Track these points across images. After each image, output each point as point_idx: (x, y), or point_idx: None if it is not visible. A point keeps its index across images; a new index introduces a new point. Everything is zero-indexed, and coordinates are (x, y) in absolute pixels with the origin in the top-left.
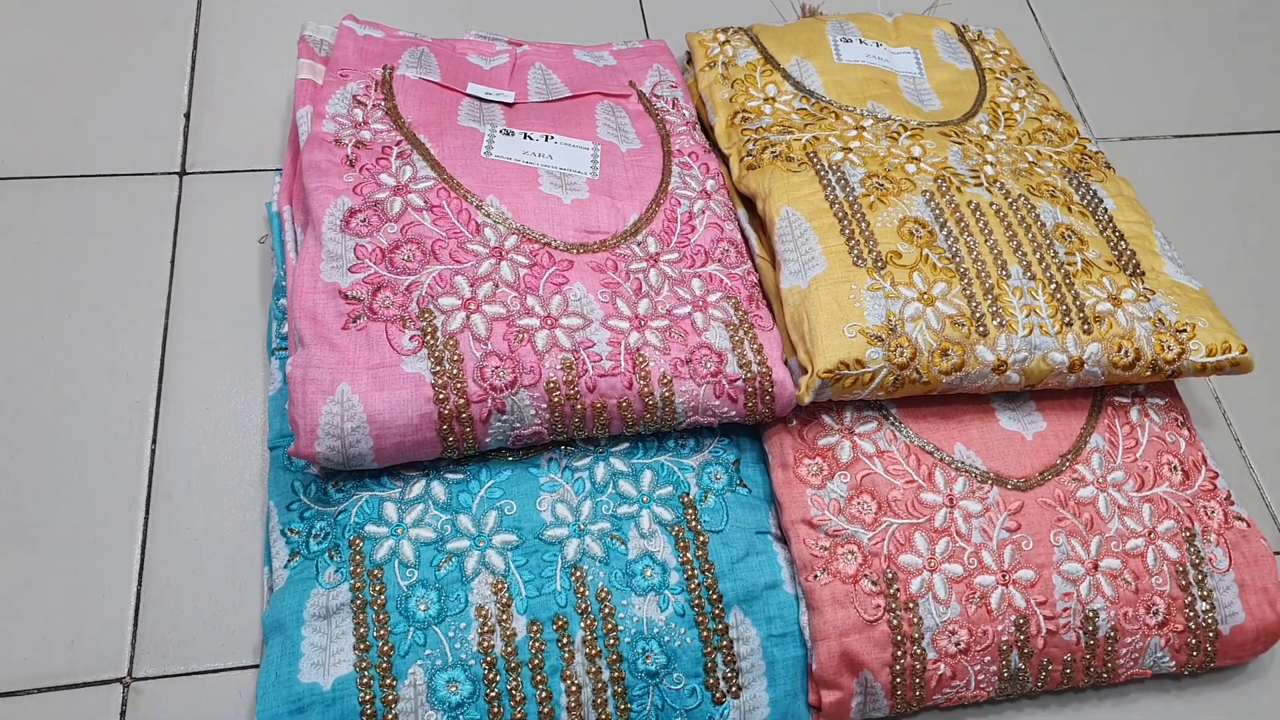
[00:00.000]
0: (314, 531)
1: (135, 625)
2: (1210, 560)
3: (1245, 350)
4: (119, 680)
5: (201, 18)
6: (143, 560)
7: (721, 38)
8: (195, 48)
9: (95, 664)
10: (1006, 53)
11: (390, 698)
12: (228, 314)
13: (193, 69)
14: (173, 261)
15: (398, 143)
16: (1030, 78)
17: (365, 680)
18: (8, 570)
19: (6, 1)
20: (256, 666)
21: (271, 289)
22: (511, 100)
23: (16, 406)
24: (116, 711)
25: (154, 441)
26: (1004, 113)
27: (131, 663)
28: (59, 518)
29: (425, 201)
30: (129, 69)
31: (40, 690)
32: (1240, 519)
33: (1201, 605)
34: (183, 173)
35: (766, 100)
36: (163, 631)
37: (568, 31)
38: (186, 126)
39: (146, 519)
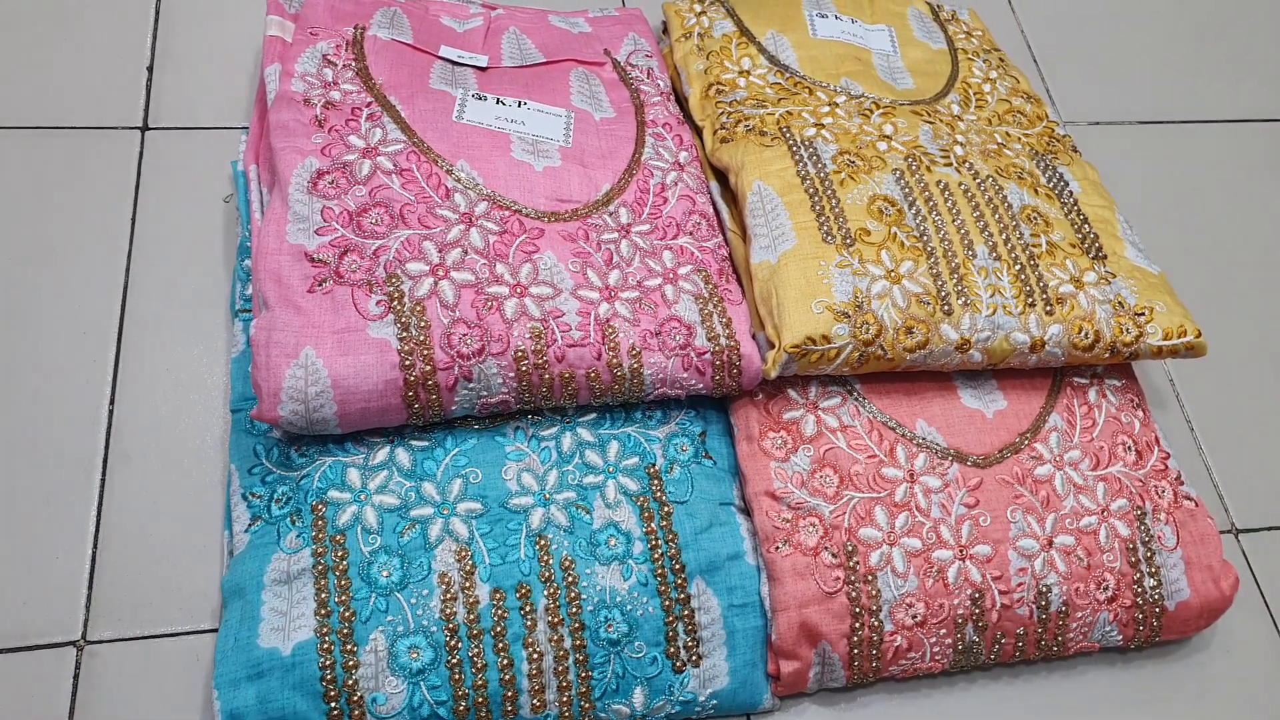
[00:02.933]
0: (276, 496)
1: (90, 587)
2: (1159, 538)
3: (1200, 335)
4: (72, 643)
5: None
6: (99, 522)
7: (698, 8)
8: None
9: (48, 626)
10: (979, 34)
11: (351, 663)
12: (190, 274)
13: (156, 20)
14: (133, 219)
15: (368, 104)
16: (1002, 59)
17: (326, 646)
18: None
19: None
20: (215, 631)
21: (236, 249)
22: (485, 64)
23: None
24: (70, 674)
25: (112, 402)
26: (975, 93)
27: (86, 625)
28: (12, 477)
29: (395, 165)
30: (90, 19)
31: None
32: (1189, 498)
33: (1149, 581)
34: (145, 128)
35: (741, 73)
36: (118, 594)
37: None
38: (149, 80)
39: (103, 480)
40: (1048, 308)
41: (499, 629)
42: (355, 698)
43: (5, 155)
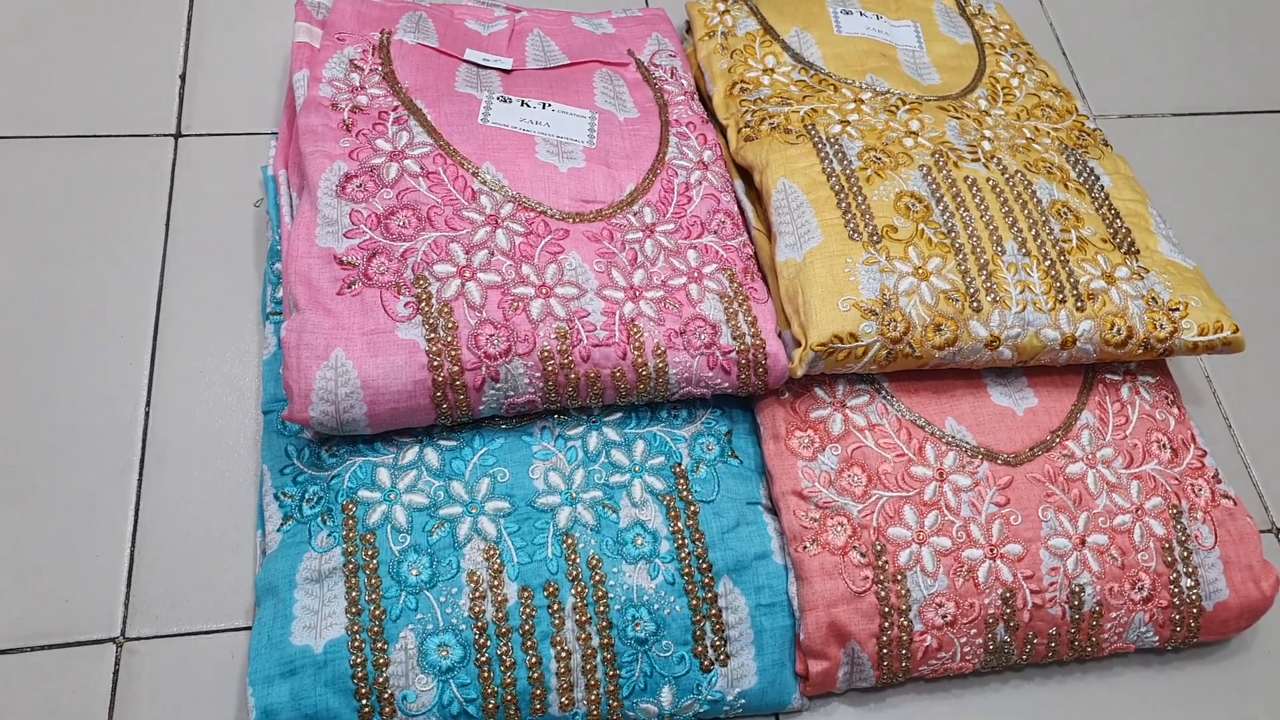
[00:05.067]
0: (307, 496)
1: (129, 586)
2: (1196, 537)
3: (1237, 330)
4: (112, 640)
5: None
6: (136, 522)
7: (721, 7)
8: (190, 8)
9: (89, 623)
10: (1007, 27)
11: (381, 661)
12: (222, 277)
13: (188, 30)
14: (167, 224)
15: (394, 108)
16: (1030, 53)
17: (357, 643)
18: (3, 530)
19: None
20: (248, 629)
21: (267, 253)
22: (509, 67)
23: (11, 368)
24: (110, 670)
25: (148, 404)
26: (1003, 88)
27: (125, 623)
28: (53, 479)
29: (421, 168)
30: (123, 29)
31: (35, 649)
32: (1227, 497)
33: (1186, 582)
34: (178, 135)
35: (765, 71)
36: (156, 592)
37: None
38: (182, 88)
39: (140, 481)
40: (1079, 304)
41: (527, 627)
42: (386, 695)
43: (44, 163)
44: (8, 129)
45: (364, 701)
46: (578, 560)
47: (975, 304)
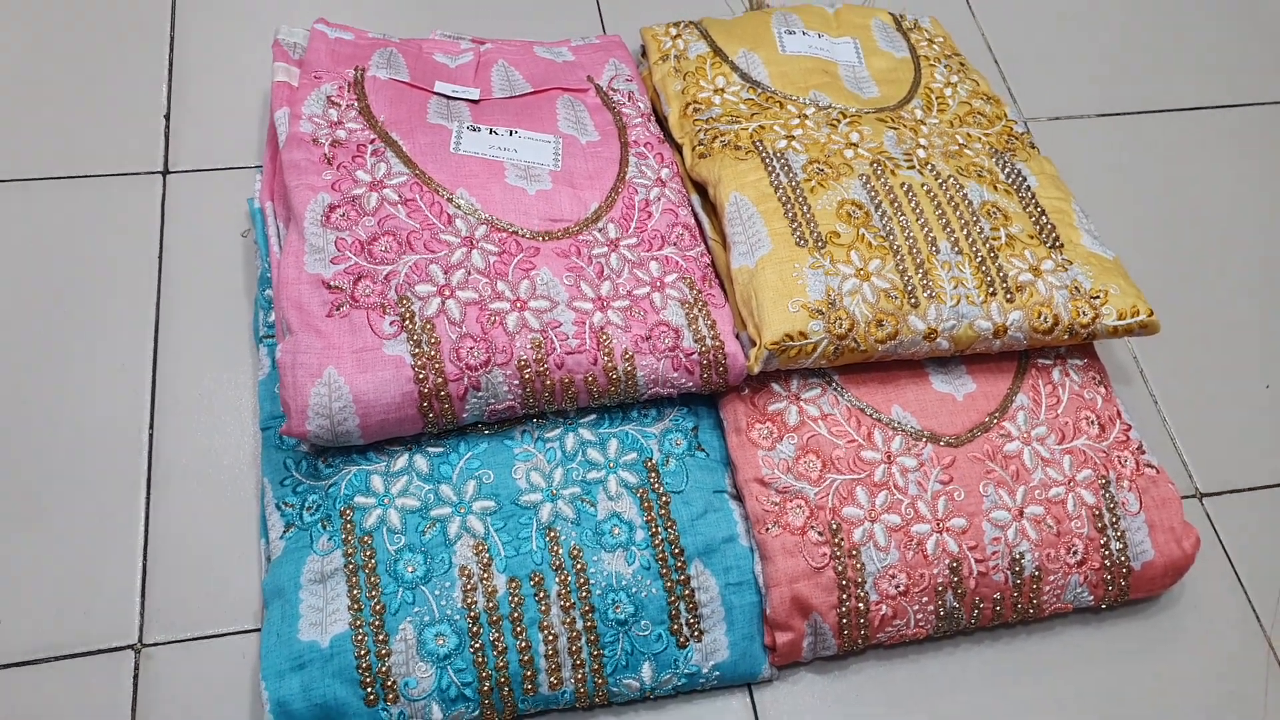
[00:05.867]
0: (307, 504)
1: (143, 596)
2: (1123, 504)
3: (1152, 314)
4: (130, 646)
5: (176, 23)
6: (146, 537)
7: (673, 32)
8: (171, 51)
9: (108, 632)
10: (941, 40)
11: (384, 651)
12: (215, 305)
13: (170, 72)
14: (160, 256)
15: (371, 141)
16: (962, 63)
17: (360, 637)
18: (25, 550)
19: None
20: (257, 630)
21: (257, 280)
22: (477, 97)
23: (21, 399)
24: (130, 675)
25: (151, 427)
26: (937, 98)
27: (141, 630)
28: (68, 501)
29: (400, 196)
30: (109, 74)
31: (60, 658)
32: (1150, 466)
33: (1115, 545)
34: (166, 171)
35: (716, 91)
36: (168, 601)
37: (528, 27)
38: (167, 127)
39: (148, 499)
40: (1008, 296)
41: (516, 614)
42: (389, 683)
43: (40, 204)
44: (5, 172)
45: (369, 690)
46: (560, 551)
47: (913, 300)
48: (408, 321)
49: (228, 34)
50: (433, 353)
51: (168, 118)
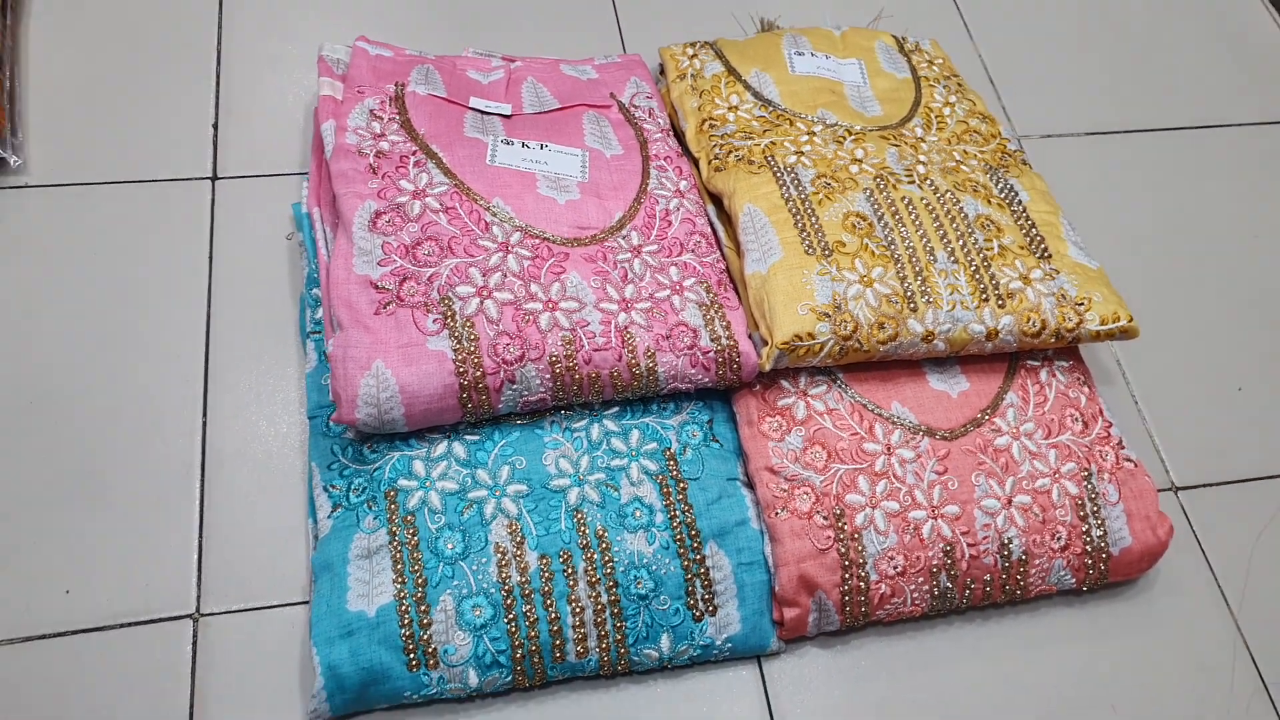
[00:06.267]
0: (353, 486)
1: (199, 570)
2: (1104, 495)
3: (1132, 319)
4: (189, 615)
5: (222, 40)
6: (201, 516)
7: (690, 52)
8: (219, 65)
9: (169, 602)
10: (940, 62)
11: (425, 621)
12: (262, 302)
13: (217, 85)
14: (210, 256)
15: (414, 153)
16: (960, 84)
17: (404, 608)
18: (91, 527)
19: (52, 32)
20: (305, 603)
21: (303, 280)
22: (509, 112)
23: (85, 389)
24: (189, 642)
25: (204, 415)
26: (936, 117)
27: (199, 601)
28: (129, 483)
29: (441, 204)
30: (161, 86)
31: (125, 625)
32: (1129, 460)
33: (1096, 531)
34: (214, 177)
35: (730, 109)
36: (223, 575)
37: (553, 45)
38: (215, 136)
39: (202, 481)
40: (1000, 302)
41: (547, 589)
42: (430, 649)
43: (97, 207)
44: (67, 177)
45: (411, 655)
46: (587, 531)
47: (912, 305)
48: (449, 319)
49: (270, 50)
50: (472, 348)
51: (216, 127)
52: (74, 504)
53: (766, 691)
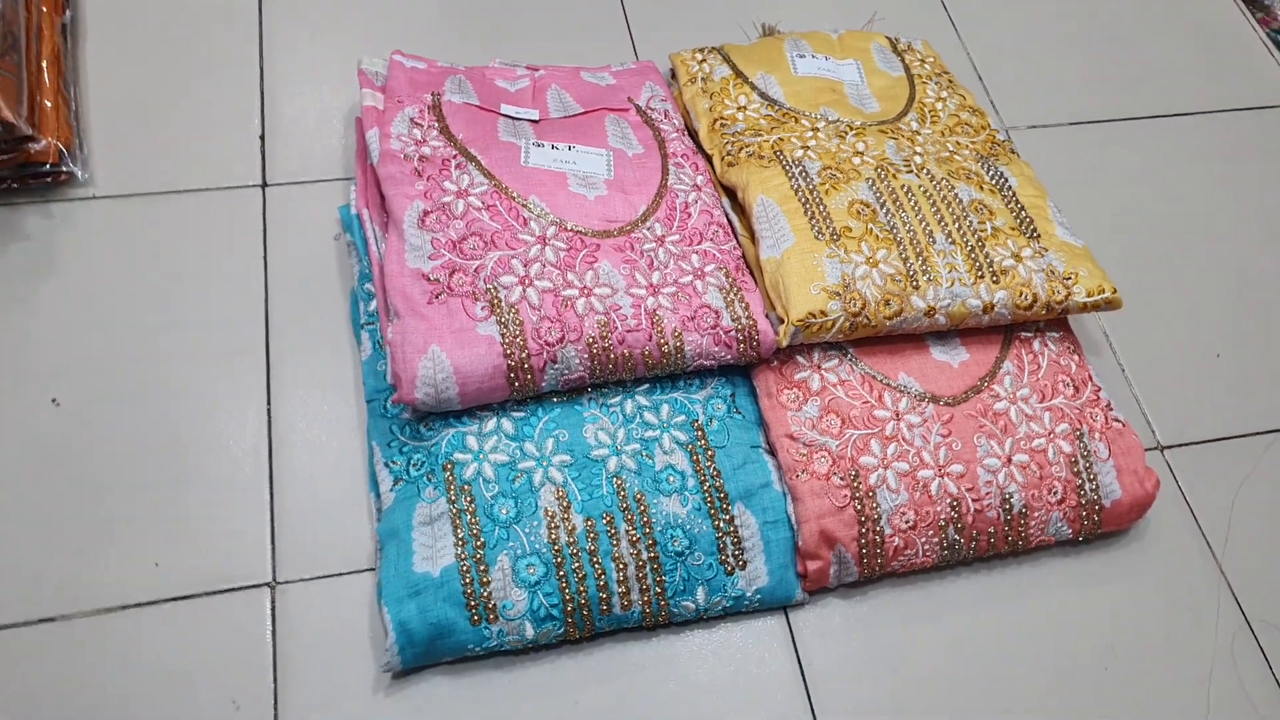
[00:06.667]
0: (412, 461)
1: (272, 542)
2: (1095, 452)
3: (1115, 291)
4: (266, 584)
5: (264, 56)
6: (272, 494)
7: (699, 57)
8: (262, 80)
9: (248, 572)
10: (931, 60)
11: (485, 580)
12: (315, 297)
13: (262, 99)
14: (265, 257)
15: (454, 156)
16: (950, 80)
17: (465, 568)
18: (174, 506)
19: (107, 54)
20: (370, 570)
21: (350, 276)
22: (537, 118)
23: (158, 382)
24: (268, 607)
25: (268, 402)
26: (929, 111)
27: (274, 570)
28: (205, 466)
29: (482, 202)
30: (210, 101)
31: (211, 594)
32: (1118, 420)
33: (1089, 486)
34: (264, 185)
35: (739, 109)
36: (295, 547)
37: (571, 54)
38: (263, 147)
39: (270, 462)
40: (994, 278)
41: (593, 548)
42: (490, 605)
43: (159, 215)
44: (130, 188)
45: (473, 611)
46: (626, 495)
47: (914, 283)
48: (496, 306)
49: (307, 64)
50: (517, 332)
51: (263, 138)
52: (158, 486)
53: (794, 639)
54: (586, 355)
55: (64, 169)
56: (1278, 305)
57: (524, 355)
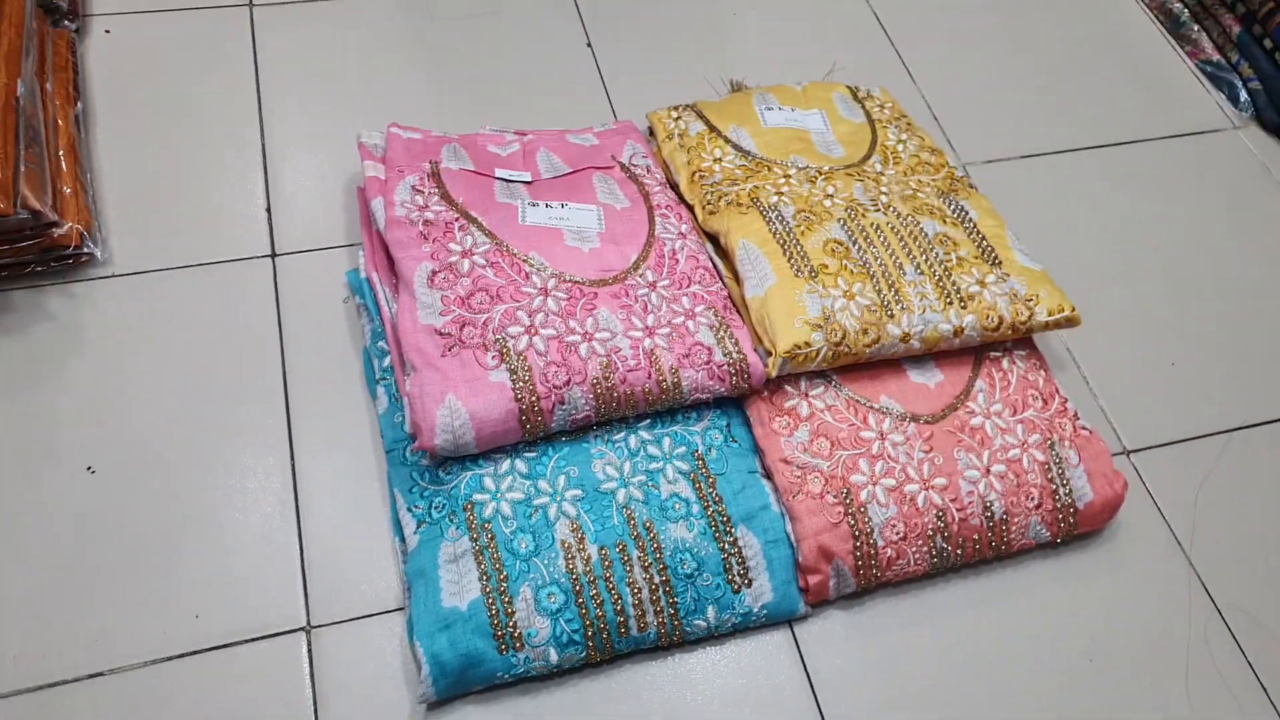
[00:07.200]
0: (434, 505)
1: (305, 590)
2: (1066, 459)
3: (1074, 309)
4: (302, 629)
5: (265, 132)
6: (301, 544)
7: (675, 114)
8: (264, 156)
9: (284, 618)
10: (890, 105)
11: (510, 610)
12: (329, 357)
13: (265, 173)
14: (279, 322)
15: (456, 219)
16: (909, 124)
17: (490, 601)
18: (209, 561)
19: (116, 138)
20: (399, 610)
21: (361, 336)
22: (529, 179)
23: (185, 446)
24: (305, 650)
25: (291, 458)
26: (891, 153)
27: (308, 615)
28: (236, 521)
29: (486, 260)
30: (217, 178)
31: (250, 640)
32: (1085, 429)
33: (1063, 490)
34: (274, 255)
35: (715, 161)
36: (326, 592)
37: (552, 115)
38: (270, 218)
39: (298, 514)
40: (962, 304)
41: (608, 575)
42: (516, 634)
43: (176, 288)
44: (146, 266)
45: (501, 641)
46: (636, 524)
47: (889, 312)
48: (505, 355)
49: (306, 138)
50: (527, 377)
51: (269, 210)
52: (192, 543)
53: (800, 650)
54: (592, 395)
55: (85, 250)
56: (1222, 314)
57: (534, 399)
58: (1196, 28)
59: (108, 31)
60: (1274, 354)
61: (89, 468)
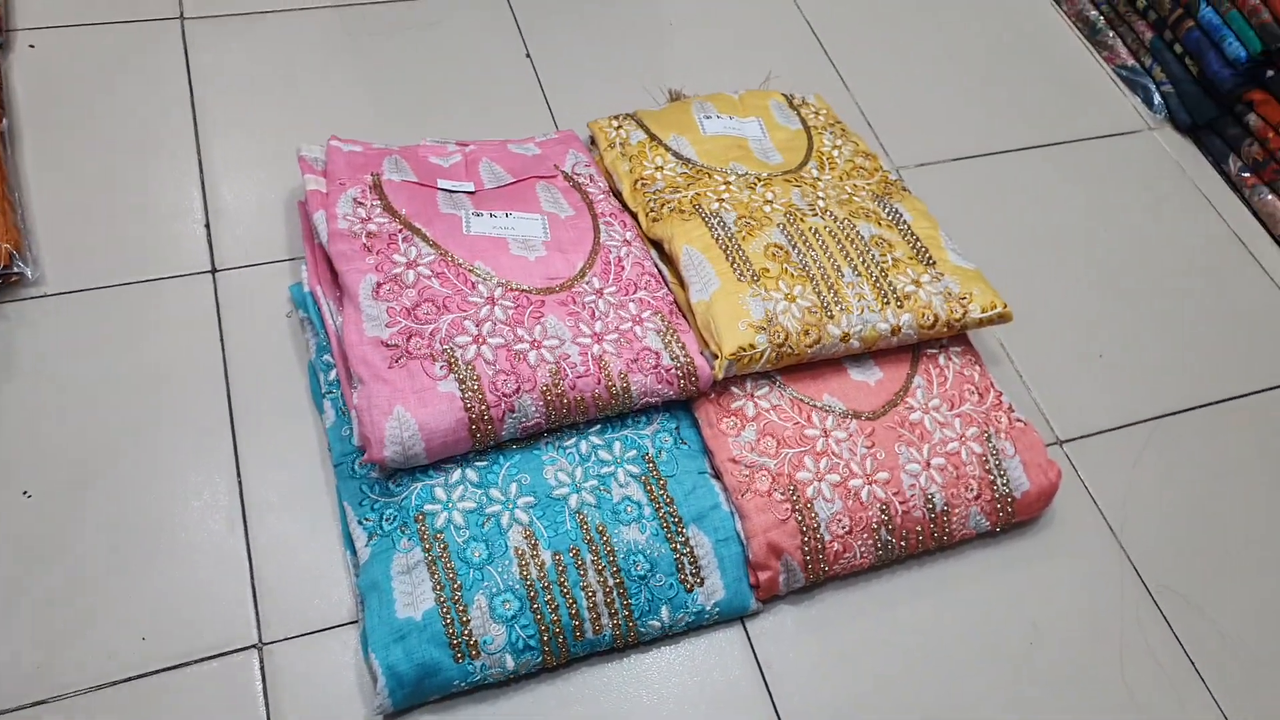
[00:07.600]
0: (385, 516)
1: (256, 606)
2: (1002, 450)
3: (1006, 306)
4: (253, 646)
5: (200, 147)
6: (251, 560)
7: (616, 123)
8: (201, 170)
9: (235, 637)
10: (824, 112)
11: (465, 619)
12: (274, 373)
13: (203, 188)
14: (221, 338)
15: (400, 230)
16: (843, 129)
17: (445, 610)
18: (156, 581)
19: (45, 156)
20: (352, 623)
21: (305, 350)
22: (472, 189)
23: (129, 467)
24: (258, 667)
25: (238, 475)
26: (827, 159)
27: (259, 632)
28: (183, 540)
29: (431, 271)
30: (152, 194)
31: (200, 660)
32: (1020, 421)
33: (1000, 480)
34: (214, 270)
35: (657, 169)
36: (277, 608)
37: (493, 125)
38: (209, 234)
39: (246, 531)
40: (899, 303)
41: (562, 580)
42: (471, 642)
43: (113, 307)
44: (80, 284)
45: (456, 649)
46: (589, 528)
47: (829, 313)
48: (453, 365)
49: (244, 151)
50: (476, 387)
51: (208, 226)
52: (136, 565)
53: (753, 645)
54: (542, 402)
55: (15, 270)
56: (1145, 308)
57: (484, 408)
58: (1112, 34)
59: (32, 46)
60: (1193, 343)
61: (25, 492)
